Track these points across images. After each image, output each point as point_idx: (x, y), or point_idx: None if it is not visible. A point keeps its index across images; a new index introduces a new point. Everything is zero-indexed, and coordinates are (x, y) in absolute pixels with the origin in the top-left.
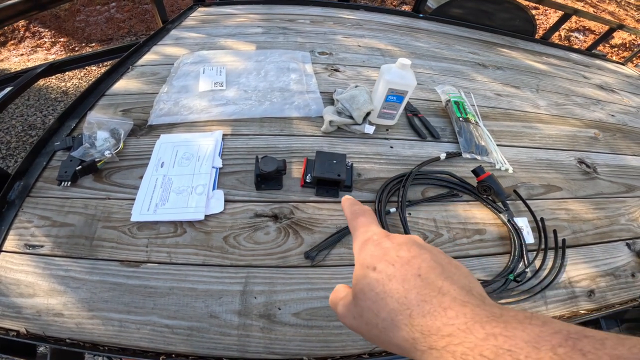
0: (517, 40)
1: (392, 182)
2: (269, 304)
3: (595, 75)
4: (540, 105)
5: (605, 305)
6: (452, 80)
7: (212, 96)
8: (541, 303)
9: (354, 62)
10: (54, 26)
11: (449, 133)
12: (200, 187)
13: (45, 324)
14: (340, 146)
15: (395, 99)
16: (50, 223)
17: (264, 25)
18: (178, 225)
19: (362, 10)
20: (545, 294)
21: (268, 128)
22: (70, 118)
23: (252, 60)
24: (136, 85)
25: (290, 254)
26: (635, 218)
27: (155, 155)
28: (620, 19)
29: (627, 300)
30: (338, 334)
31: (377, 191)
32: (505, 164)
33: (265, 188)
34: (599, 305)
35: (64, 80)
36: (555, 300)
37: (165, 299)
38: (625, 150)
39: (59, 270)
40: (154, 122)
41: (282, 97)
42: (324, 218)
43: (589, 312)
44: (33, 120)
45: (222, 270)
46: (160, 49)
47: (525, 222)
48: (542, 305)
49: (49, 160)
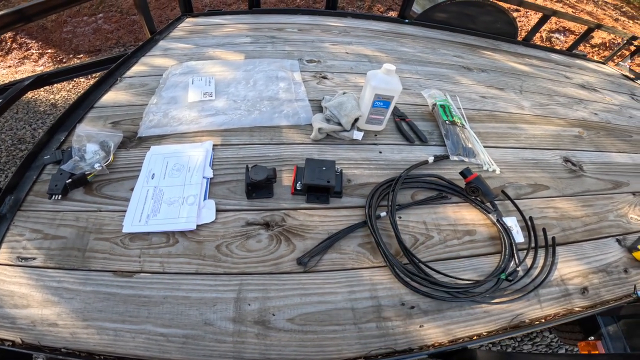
0: (500, 43)
1: (381, 187)
2: (263, 310)
3: (577, 75)
4: (524, 106)
5: (599, 302)
6: (438, 84)
7: (201, 107)
8: (535, 302)
9: (341, 69)
10: (41, 37)
11: (437, 136)
12: (192, 198)
13: (40, 334)
14: (330, 153)
15: (382, 104)
16: (42, 236)
17: (252, 34)
18: (170, 236)
19: (349, 17)
20: (538, 293)
21: (258, 137)
22: (59, 131)
23: (241, 69)
24: (125, 97)
25: (283, 261)
26: (624, 214)
27: (146, 167)
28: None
29: (622, 296)
30: (333, 339)
31: (367, 196)
32: (492, 165)
33: (257, 197)
34: (593, 302)
35: (52, 93)
36: (549, 298)
37: (159, 308)
38: (610, 147)
39: (51, 281)
40: (144, 134)
41: (271, 106)
42: (315, 224)
43: (583, 309)
44: (22, 134)
45: (216, 279)
46: (149, 60)
47: (514, 221)
48: (536, 304)
49: (39, 174)
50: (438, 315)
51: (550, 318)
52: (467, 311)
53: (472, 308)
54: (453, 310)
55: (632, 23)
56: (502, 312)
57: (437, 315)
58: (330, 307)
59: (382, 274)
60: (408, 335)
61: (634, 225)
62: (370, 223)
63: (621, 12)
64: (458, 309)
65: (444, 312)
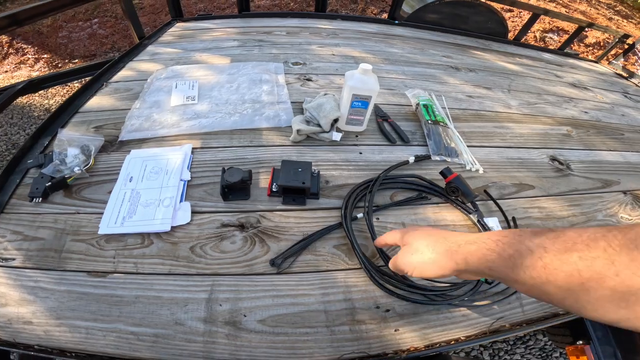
0: (490, 43)
1: (359, 188)
2: (235, 311)
3: (568, 73)
4: (511, 105)
5: None
6: (424, 84)
7: (183, 110)
8: (517, 305)
9: (327, 70)
10: (37, 42)
11: (419, 136)
12: (168, 200)
13: (15, 332)
14: (309, 154)
15: (361, 105)
16: (22, 237)
17: (240, 38)
18: (145, 237)
19: (339, 19)
20: (520, 295)
21: (238, 140)
22: (43, 136)
23: (225, 73)
24: (109, 101)
25: (256, 262)
26: (614, 213)
27: (125, 170)
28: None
29: None
30: (305, 341)
31: (344, 197)
32: (476, 164)
33: (233, 198)
34: None
35: (47, 98)
36: (531, 301)
37: (130, 307)
38: (600, 145)
39: (29, 281)
40: (125, 138)
41: (253, 109)
42: (291, 226)
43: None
44: (17, 139)
45: (188, 279)
46: (136, 65)
47: (495, 222)
48: (517, 307)
49: (22, 178)
50: (414, 318)
51: (533, 322)
52: (444, 315)
53: (450, 312)
54: (430, 313)
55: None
56: (481, 316)
57: (413, 319)
58: (303, 309)
59: (357, 276)
60: (382, 339)
61: (624, 224)
62: (346, 224)
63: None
64: (435, 312)
65: (420, 315)
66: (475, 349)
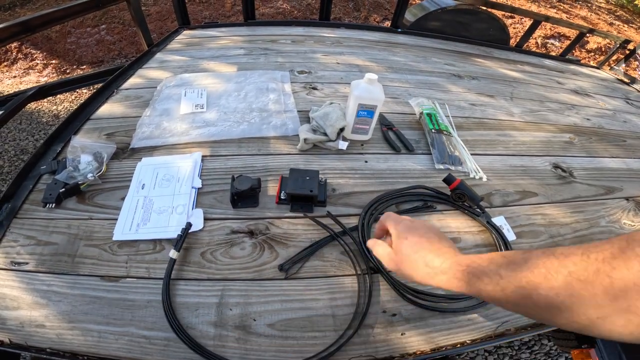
0: (492, 50)
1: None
2: (244, 316)
3: (570, 80)
4: (514, 112)
5: None
6: (428, 93)
7: (192, 118)
8: None
9: (331, 79)
10: (45, 48)
11: (424, 145)
12: (181, 207)
13: (27, 335)
14: (316, 163)
15: (366, 114)
16: (35, 242)
17: (246, 46)
18: (157, 243)
19: (343, 28)
20: None
21: (246, 148)
22: (56, 142)
23: (233, 81)
24: (120, 109)
25: (265, 268)
26: (617, 219)
27: (137, 178)
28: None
29: None
30: (313, 345)
31: (360, 214)
32: (479, 172)
33: (242, 206)
34: None
35: (55, 104)
36: None
37: (143, 311)
38: (602, 152)
39: (42, 285)
40: (136, 145)
41: (260, 117)
42: (299, 233)
43: None
44: (25, 145)
45: (199, 284)
46: (145, 73)
47: (502, 220)
48: None
49: (35, 184)
50: (420, 323)
51: (538, 326)
52: (450, 319)
53: (455, 316)
54: (436, 317)
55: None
56: (486, 320)
57: (419, 323)
58: (311, 313)
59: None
60: (389, 343)
61: (627, 230)
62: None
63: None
64: (441, 316)
65: (426, 319)
66: (479, 354)
